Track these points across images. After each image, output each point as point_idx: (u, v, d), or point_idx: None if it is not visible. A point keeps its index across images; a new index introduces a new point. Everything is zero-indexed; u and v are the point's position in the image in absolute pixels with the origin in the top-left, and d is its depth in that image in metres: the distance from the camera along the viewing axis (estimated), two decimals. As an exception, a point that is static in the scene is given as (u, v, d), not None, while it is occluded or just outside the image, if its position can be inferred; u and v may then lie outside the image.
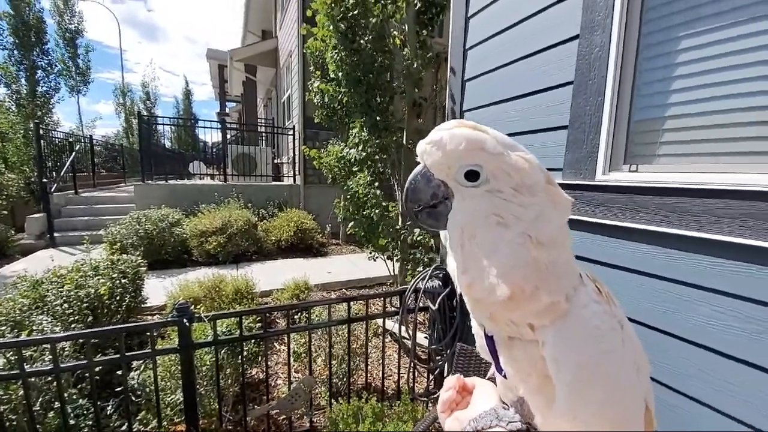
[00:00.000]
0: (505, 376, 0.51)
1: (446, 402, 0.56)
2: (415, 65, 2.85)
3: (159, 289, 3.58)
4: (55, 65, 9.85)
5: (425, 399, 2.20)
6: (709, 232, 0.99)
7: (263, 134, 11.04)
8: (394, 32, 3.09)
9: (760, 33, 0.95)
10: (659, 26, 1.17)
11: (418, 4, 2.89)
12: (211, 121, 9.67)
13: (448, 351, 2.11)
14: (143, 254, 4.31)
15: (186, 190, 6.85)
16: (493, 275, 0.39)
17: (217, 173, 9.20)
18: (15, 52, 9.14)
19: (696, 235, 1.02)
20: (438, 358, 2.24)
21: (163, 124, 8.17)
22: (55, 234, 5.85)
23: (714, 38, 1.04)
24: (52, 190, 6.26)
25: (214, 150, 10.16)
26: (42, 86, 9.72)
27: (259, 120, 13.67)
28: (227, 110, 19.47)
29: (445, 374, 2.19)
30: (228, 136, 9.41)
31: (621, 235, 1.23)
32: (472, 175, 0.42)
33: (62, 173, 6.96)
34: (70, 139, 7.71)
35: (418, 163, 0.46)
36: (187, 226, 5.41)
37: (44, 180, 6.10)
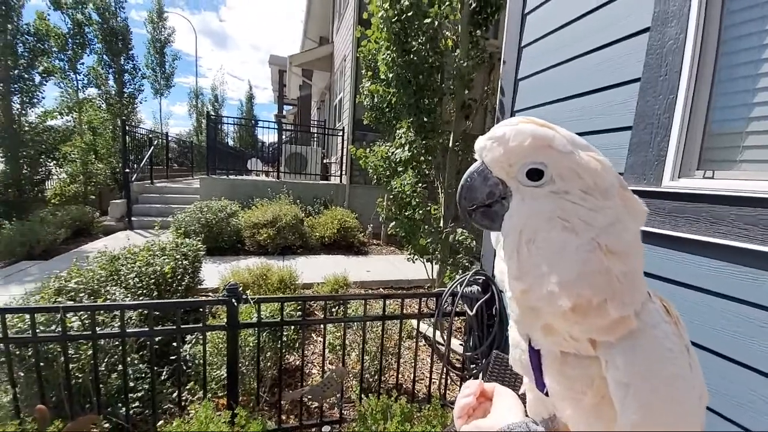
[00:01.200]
0: (546, 393, 0.47)
1: (464, 407, 0.54)
2: (466, 65, 2.80)
3: (214, 273, 3.89)
4: (139, 69, 11.18)
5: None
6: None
7: (315, 135, 11.54)
8: (447, 33, 3.07)
9: None
10: (744, 18, 1.03)
11: (473, 4, 2.84)
12: (269, 122, 10.35)
13: (484, 360, 2.03)
14: (203, 240, 4.71)
15: (243, 185, 7.38)
16: (553, 283, 0.37)
17: (272, 170, 9.79)
18: (104, 56, 10.49)
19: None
20: (472, 366, 2.17)
21: (228, 124, 8.97)
22: (133, 218, 6.62)
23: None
24: (133, 179, 7.10)
25: (270, 149, 10.83)
26: (128, 88, 11.08)
27: (312, 121, 14.32)
28: (284, 112, 20.69)
29: (480, 384, 2.10)
30: (283, 137, 9.98)
31: (690, 249, 1.10)
32: (535, 174, 0.39)
33: (142, 165, 7.88)
34: (149, 136, 8.70)
35: (473, 161, 0.44)
36: (242, 217, 5.83)
37: (127, 170, 6.94)
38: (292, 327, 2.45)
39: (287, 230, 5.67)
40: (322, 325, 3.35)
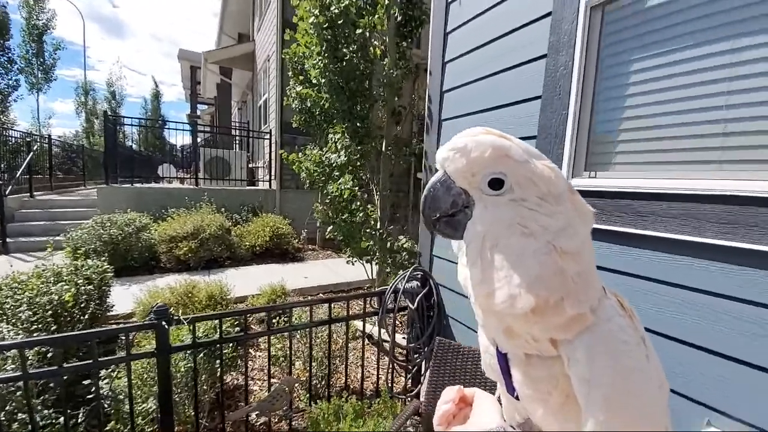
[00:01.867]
0: (517, 397, 0.48)
1: (444, 415, 0.54)
2: (394, 74, 2.96)
3: (125, 297, 3.43)
4: (15, 62, 9.16)
5: (403, 397, 2.25)
6: (652, 230, 1.14)
7: (237, 138, 10.82)
8: (375, 42, 3.20)
9: (699, 58, 1.11)
10: (615, 50, 1.33)
11: (399, 17, 3.02)
12: (182, 122, 9.37)
13: (426, 348, 2.18)
14: (108, 260, 4.09)
15: (154, 194, 6.58)
16: (515, 285, 0.38)
17: (188, 176, 8.90)
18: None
19: (639, 233, 1.17)
20: (416, 356, 2.31)
21: (131, 125, 7.82)
22: (8, 240, 5.42)
23: (660, 62, 1.20)
24: (6, 192, 5.81)
25: (185, 153, 9.83)
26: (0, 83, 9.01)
27: (233, 123, 13.37)
28: (198, 112, 18.89)
29: (423, 371, 2.25)
30: (199, 139, 9.15)
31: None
32: (495, 184, 0.40)
33: (18, 175, 6.47)
34: (27, 140, 7.19)
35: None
36: (156, 231, 5.21)
37: (-2, 182, 5.65)
38: (231, 345, 2.31)
39: (212, 242, 5.24)
40: (262, 340, 3.21)
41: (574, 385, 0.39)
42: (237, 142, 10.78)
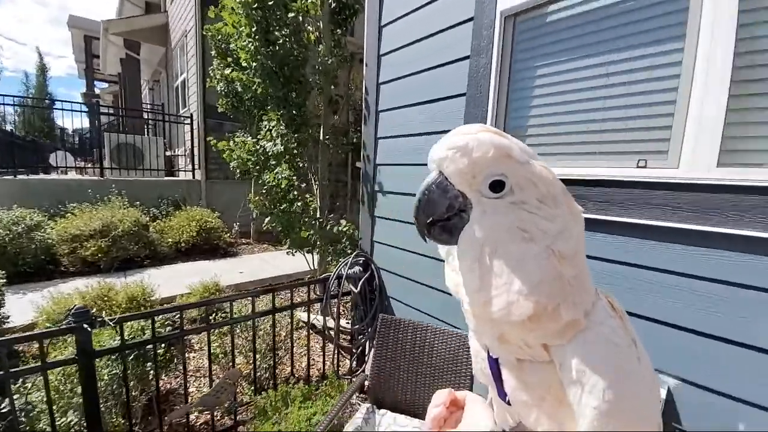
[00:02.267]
0: (508, 402, 0.47)
1: (435, 418, 0.53)
2: (330, 62, 2.96)
3: (23, 306, 2.95)
4: None
5: (349, 377, 2.37)
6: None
7: (151, 122, 9.63)
8: (309, 28, 3.14)
9: (589, 67, 1.36)
10: (525, 56, 1.55)
11: (333, 4, 3.00)
12: (77, 103, 8.03)
13: (370, 329, 2.31)
14: (-7, 265, 3.44)
15: (46, 187, 5.61)
16: (514, 292, 0.37)
17: (90, 166, 7.70)
18: None
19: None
20: (360, 337, 2.42)
21: (4, 104, 6.44)
22: None
23: (558, 69, 1.44)
24: None
25: (86, 138, 8.46)
26: None
27: (144, 104, 11.82)
28: (97, 91, 16.23)
29: (367, 351, 2.38)
30: (101, 123, 7.94)
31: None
32: (496, 186, 0.38)
33: None
34: None
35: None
36: (54, 229, 4.48)
37: None
38: (163, 345, 2.16)
39: (126, 239, 4.69)
40: (197, 340, 3.03)
41: (566, 389, 0.38)
42: (150, 126, 9.59)
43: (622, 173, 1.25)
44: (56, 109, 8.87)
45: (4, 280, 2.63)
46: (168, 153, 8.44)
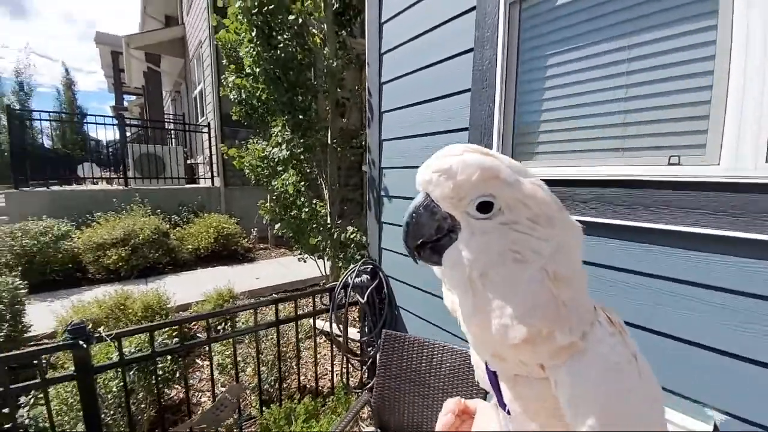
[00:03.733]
0: (508, 412, 0.48)
1: (445, 425, 0.54)
2: (335, 64, 2.88)
3: (46, 315, 3.04)
4: None
5: (359, 391, 2.27)
6: (569, 214, 1.24)
7: (172, 132, 9.95)
8: (314, 30, 3.08)
9: (602, 54, 1.21)
10: (533, 45, 1.40)
11: (336, 5, 2.93)
12: (105, 116, 8.40)
13: (379, 340, 2.21)
14: (22, 275, 3.59)
15: (75, 198, 5.87)
16: (507, 316, 0.36)
17: (116, 176, 8.03)
18: None
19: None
20: (369, 349, 2.33)
21: (41, 120, 6.82)
22: None
23: (570, 57, 1.29)
24: None
25: (111, 150, 8.85)
26: None
27: (166, 116, 12.26)
28: (125, 104, 17.01)
29: (378, 363, 2.28)
30: (128, 134, 8.29)
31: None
32: (484, 207, 0.38)
33: None
34: None
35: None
36: (80, 239, 4.66)
37: None
38: (169, 357, 2.15)
39: (147, 247, 4.82)
40: (207, 348, 3.03)
41: (562, 407, 0.38)
42: (172, 136, 9.92)
43: (650, 172, 1.09)
44: (86, 123, 9.32)
45: (26, 291, 2.71)
46: (189, 161, 8.68)
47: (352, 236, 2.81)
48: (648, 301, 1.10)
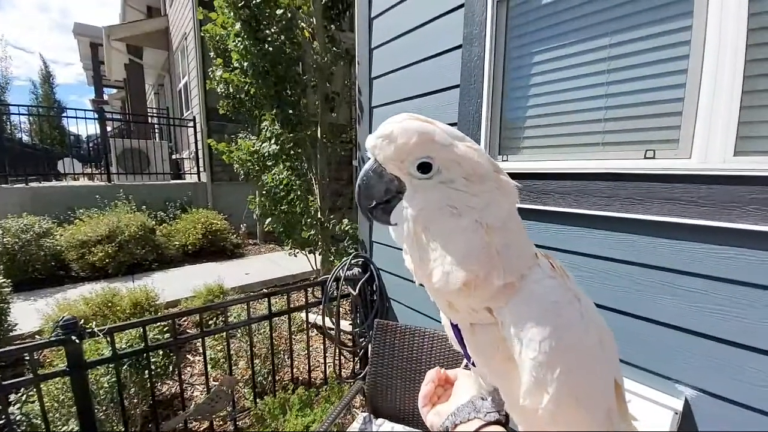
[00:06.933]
0: (473, 364, 0.51)
1: (426, 396, 0.56)
2: (325, 59, 2.88)
3: (29, 313, 2.98)
4: None
5: (352, 381, 2.32)
6: (553, 206, 1.30)
7: (156, 126, 9.72)
8: (302, 24, 3.06)
9: (589, 51, 1.26)
10: (520, 42, 1.45)
11: (325, -1, 2.92)
12: (85, 110, 8.14)
13: (371, 331, 2.26)
14: (4, 274, 3.50)
15: (55, 194, 5.70)
16: (447, 263, 0.40)
17: (98, 172, 7.82)
18: None
19: (543, 209, 1.33)
20: (361, 340, 2.37)
21: (20, 114, 6.56)
22: None
23: (554, 55, 1.33)
24: None
25: (92, 145, 8.60)
26: None
27: (149, 110, 11.94)
28: (105, 97, 16.47)
29: (369, 354, 2.33)
30: (109, 129, 8.06)
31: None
32: (424, 167, 0.42)
33: None
34: None
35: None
36: (62, 236, 4.55)
37: None
38: (161, 352, 2.15)
39: (133, 244, 4.73)
40: (200, 343, 3.03)
41: (509, 347, 0.41)
42: (156, 131, 9.69)
43: (628, 165, 1.15)
44: (63, 116, 9.03)
45: (9, 289, 2.65)
46: (174, 156, 8.51)
47: (346, 229, 2.84)
48: (629, 287, 1.16)
